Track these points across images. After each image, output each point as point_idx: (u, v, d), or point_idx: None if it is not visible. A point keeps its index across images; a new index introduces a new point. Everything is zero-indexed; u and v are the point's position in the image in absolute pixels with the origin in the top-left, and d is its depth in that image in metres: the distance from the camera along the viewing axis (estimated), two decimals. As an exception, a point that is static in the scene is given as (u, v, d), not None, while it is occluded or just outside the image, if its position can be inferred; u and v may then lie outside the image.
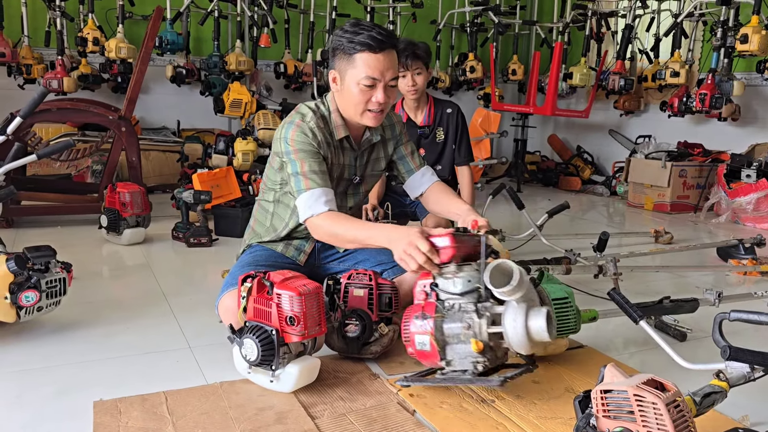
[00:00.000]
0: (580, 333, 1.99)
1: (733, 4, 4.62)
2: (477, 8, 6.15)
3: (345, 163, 2.08)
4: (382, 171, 2.22)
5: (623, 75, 5.54)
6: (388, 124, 2.17)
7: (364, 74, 1.87)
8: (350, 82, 1.90)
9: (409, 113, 3.12)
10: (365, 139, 2.08)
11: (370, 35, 1.84)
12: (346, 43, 1.87)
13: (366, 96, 1.90)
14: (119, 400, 1.66)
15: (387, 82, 1.90)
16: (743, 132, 5.13)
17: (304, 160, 1.91)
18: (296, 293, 1.64)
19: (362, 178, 2.15)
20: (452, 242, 1.64)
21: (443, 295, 1.63)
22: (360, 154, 2.10)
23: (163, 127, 5.56)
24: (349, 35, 1.86)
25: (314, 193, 1.88)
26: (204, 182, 3.71)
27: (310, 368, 1.72)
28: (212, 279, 2.81)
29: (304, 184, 1.89)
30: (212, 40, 5.32)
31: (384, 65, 1.87)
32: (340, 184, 2.11)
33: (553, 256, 2.86)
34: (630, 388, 1.22)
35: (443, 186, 2.20)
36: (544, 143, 6.92)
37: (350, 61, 1.88)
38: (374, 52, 1.85)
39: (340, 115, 2.01)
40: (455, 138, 3.15)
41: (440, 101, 3.18)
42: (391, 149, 2.19)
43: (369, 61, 1.86)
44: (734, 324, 1.54)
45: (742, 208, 4.47)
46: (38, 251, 2.03)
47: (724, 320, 1.51)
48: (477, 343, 1.56)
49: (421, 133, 3.11)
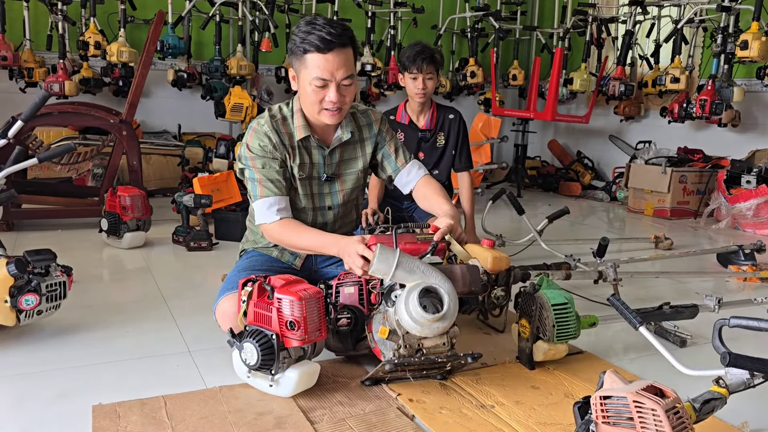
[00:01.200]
0: (580, 338, 1.99)
1: (733, 10, 4.63)
2: (478, 13, 6.17)
3: (313, 162, 2.07)
4: (362, 171, 2.18)
5: (623, 81, 5.55)
6: (365, 124, 2.14)
7: (314, 75, 1.86)
8: (304, 81, 1.90)
9: (412, 116, 3.13)
10: (336, 137, 2.07)
11: (319, 35, 1.83)
12: (298, 43, 1.87)
13: (319, 95, 1.90)
14: (118, 404, 1.66)
15: (339, 81, 1.88)
16: (743, 138, 5.13)
17: (259, 168, 1.96)
18: (297, 298, 1.64)
19: (335, 176, 2.13)
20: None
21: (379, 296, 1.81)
22: (330, 153, 2.09)
23: (164, 131, 5.57)
24: (301, 35, 1.86)
25: (267, 201, 1.95)
26: (204, 186, 3.71)
27: (310, 373, 1.72)
28: (212, 283, 2.81)
29: (259, 191, 1.96)
30: (213, 44, 5.33)
31: (334, 65, 1.85)
32: (312, 184, 2.10)
33: (553, 261, 2.86)
34: (629, 394, 1.22)
35: (428, 180, 2.17)
36: (545, 148, 6.93)
37: (302, 62, 1.88)
38: (323, 52, 1.84)
39: (303, 116, 2.01)
40: (456, 144, 3.15)
41: (443, 107, 3.19)
42: (370, 149, 2.16)
43: (318, 61, 1.85)
44: (734, 330, 1.54)
45: (742, 214, 4.47)
46: (39, 255, 2.03)
47: (723, 326, 1.51)
48: (383, 330, 1.69)
49: (422, 137, 3.12)
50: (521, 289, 2.01)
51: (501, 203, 4.15)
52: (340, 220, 2.20)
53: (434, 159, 3.15)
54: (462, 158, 3.17)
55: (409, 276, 1.68)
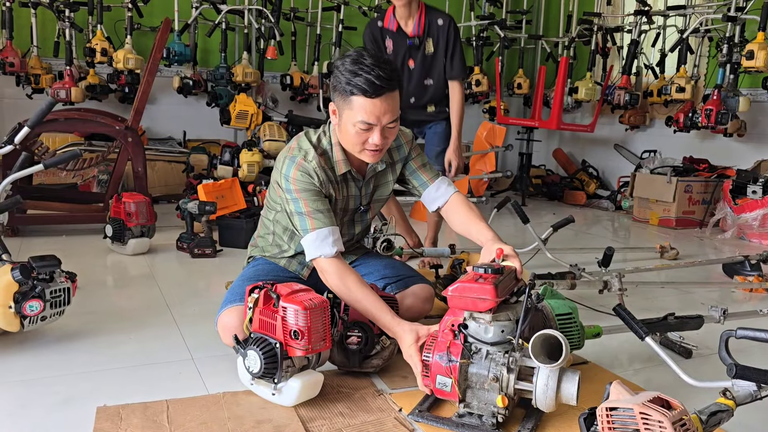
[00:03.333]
0: (584, 349, 1.98)
1: (739, 20, 4.63)
2: (483, 22, 6.18)
3: (350, 195, 2.06)
4: (390, 194, 2.18)
5: (629, 90, 5.54)
6: (395, 146, 2.10)
7: (360, 118, 1.80)
8: (347, 121, 1.84)
9: (400, 22, 3.02)
10: (370, 168, 2.04)
11: (367, 79, 1.75)
12: (344, 84, 1.79)
13: (362, 137, 1.85)
14: (122, 406, 1.67)
15: (384, 125, 1.83)
16: (749, 148, 5.12)
17: (307, 200, 1.88)
18: (302, 307, 1.62)
19: (368, 205, 2.14)
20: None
21: (471, 338, 1.58)
22: (365, 184, 2.08)
23: (169, 138, 5.58)
24: (347, 75, 1.78)
25: (321, 233, 1.86)
26: (209, 193, 3.72)
27: (313, 383, 1.71)
28: (216, 290, 2.81)
29: (309, 224, 1.87)
30: (219, 51, 5.35)
31: (381, 110, 1.79)
32: (347, 214, 2.10)
33: (557, 270, 2.85)
34: (636, 406, 1.21)
35: (462, 200, 2.10)
36: (549, 157, 6.92)
37: (347, 102, 1.81)
38: (371, 97, 1.77)
39: (342, 149, 1.96)
40: (446, 51, 3.02)
41: (432, 10, 3.04)
42: (399, 169, 2.13)
43: (365, 105, 1.78)
44: (740, 341, 1.52)
45: (748, 224, 4.46)
46: (43, 261, 2.03)
47: (730, 338, 1.50)
48: (503, 399, 1.52)
49: (410, 44, 3.00)
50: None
51: (505, 212, 4.14)
52: (359, 234, 2.24)
53: (426, 67, 3.05)
54: (454, 66, 3.03)
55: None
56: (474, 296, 1.55)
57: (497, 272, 1.61)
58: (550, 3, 6.79)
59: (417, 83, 3.18)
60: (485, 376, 1.56)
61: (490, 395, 1.56)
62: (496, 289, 1.55)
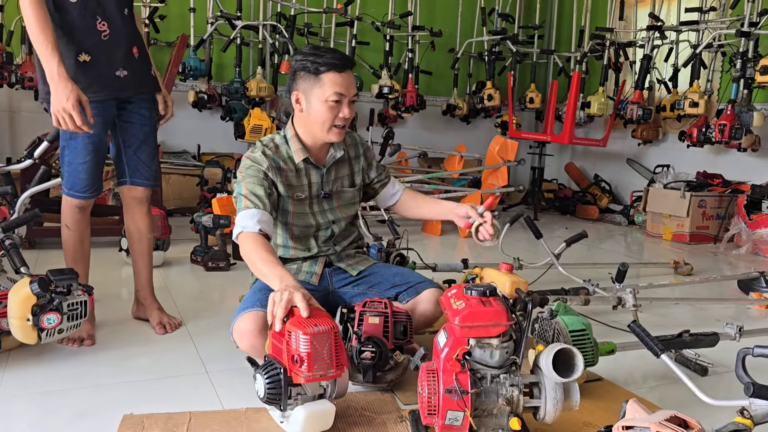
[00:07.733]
0: (599, 366, 1.98)
1: (753, 35, 4.62)
2: (495, 37, 6.21)
3: (312, 182, 2.20)
4: (353, 189, 2.31)
5: (641, 105, 5.54)
6: (351, 144, 2.31)
7: (332, 91, 2.02)
8: (317, 100, 2.05)
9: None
10: (330, 156, 2.21)
11: (333, 56, 2.04)
12: (312, 67, 2.03)
13: (333, 112, 2.06)
14: (146, 416, 1.69)
15: (350, 98, 2.07)
16: (763, 163, 5.09)
17: (248, 184, 2.04)
18: (303, 332, 1.53)
19: (331, 193, 2.24)
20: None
21: (476, 365, 1.54)
22: (326, 172, 2.22)
23: (183, 151, 5.64)
24: (313, 58, 2.03)
25: (249, 212, 1.98)
26: (223, 206, 3.74)
27: (320, 415, 1.60)
28: (230, 303, 2.83)
29: (243, 204, 2.01)
30: (234, 66, 5.41)
31: (348, 83, 2.06)
32: (313, 203, 2.22)
33: (571, 286, 2.84)
34: (653, 425, 1.21)
35: (414, 191, 2.45)
36: (561, 171, 6.91)
37: (317, 81, 2.03)
38: (340, 71, 2.03)
39: (299, 140, 2.15)
40: None
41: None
42: (358, 167, 2.31)
43: (335, 79, 2.03)
44: (757, 359, 1.51)
45: (763, 240, 4.42)
46: (61, 274, 2.05)
47: (747, 356, 1.49)
48: (517, 422, 1.49)
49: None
50: (539, 314, 2.00)
51: (518, 226, 4.13)
52: (340, 235, 2.30)
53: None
54: None
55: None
56: (488, 323, 1.52)
57: (494, 292, 1.58)
58: (562, 18, 6.81)
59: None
60: (494, 402, 1.52)
61: (499, 420, 1.53)
62: (507, 312, 1.53)
